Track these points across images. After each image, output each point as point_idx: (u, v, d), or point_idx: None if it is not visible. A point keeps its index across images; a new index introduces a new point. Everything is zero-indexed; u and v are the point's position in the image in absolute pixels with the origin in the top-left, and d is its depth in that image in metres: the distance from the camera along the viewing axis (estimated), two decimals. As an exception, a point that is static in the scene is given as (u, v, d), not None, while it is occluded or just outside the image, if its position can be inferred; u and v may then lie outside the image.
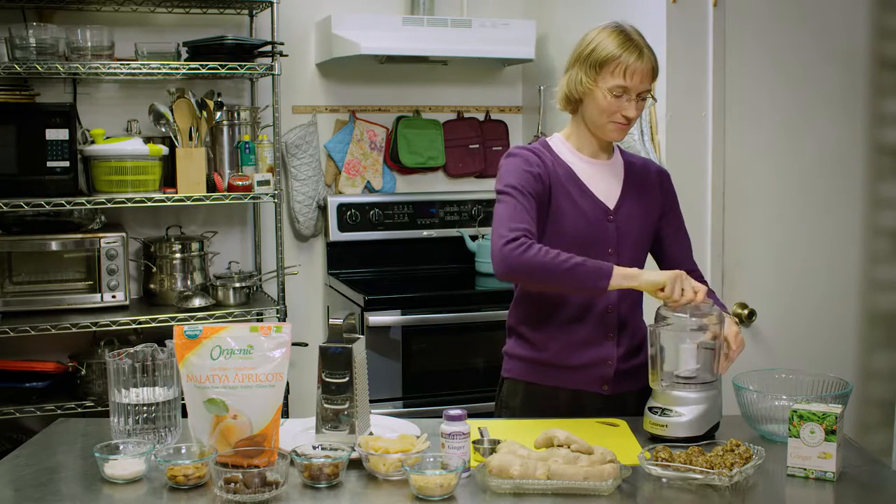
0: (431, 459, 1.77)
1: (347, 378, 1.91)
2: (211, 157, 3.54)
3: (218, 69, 3.35)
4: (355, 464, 1.85)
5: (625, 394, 2.26)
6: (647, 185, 2.32)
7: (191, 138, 3.37)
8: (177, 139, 3.36)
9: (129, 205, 3.27)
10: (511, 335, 2.35)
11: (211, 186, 3.45)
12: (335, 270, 3.86)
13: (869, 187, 3.15)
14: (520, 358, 2.32)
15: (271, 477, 1.72)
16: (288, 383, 2.61)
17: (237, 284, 3.52)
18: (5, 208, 3.10)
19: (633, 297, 2.28)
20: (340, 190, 3.93)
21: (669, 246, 2.35)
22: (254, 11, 3.67)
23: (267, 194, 3.46)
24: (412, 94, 4.02)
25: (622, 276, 2.04)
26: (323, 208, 3.85)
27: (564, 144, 2.29)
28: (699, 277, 2.34)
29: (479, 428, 2.01)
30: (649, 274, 2.06)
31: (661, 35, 2.97)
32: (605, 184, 2.26)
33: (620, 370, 2.25)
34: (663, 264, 2.36)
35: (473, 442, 1.89)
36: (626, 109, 2.16)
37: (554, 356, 2.25)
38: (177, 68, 3.36)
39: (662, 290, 2.02)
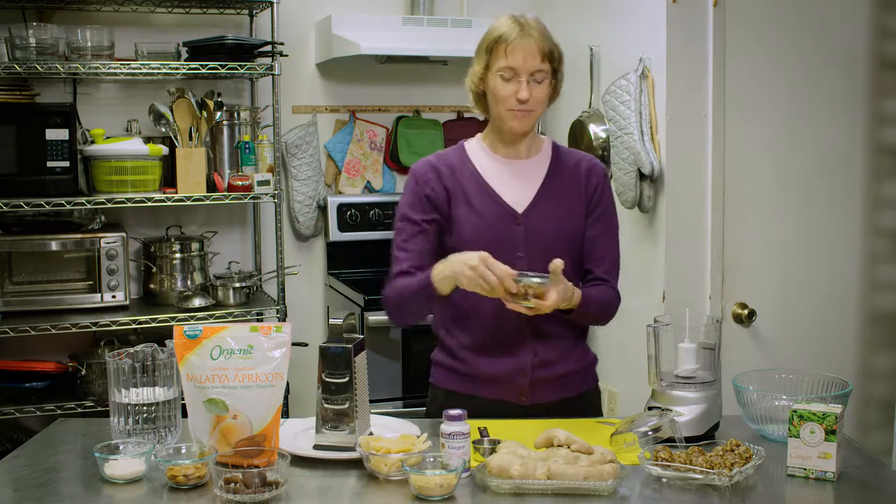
0: (431, 459, 1.77)
1: (347, 378, 1.91)
2: (211, 157, 3.54)
3: (218, 69, 3.35)
4: (355, 464, 1.85)
5: (547, 403, 2.19)
6: (573, 184, 2.22)
7: (191, 138, 3.37)
8: (177, 139, 3.36)
9: (129, 205, 3.27)
10: (439, 341, 2.31)
11: (211, 186, 3.45)
12: (335, 270, 3.86)
13: (869, 187, 3.15)
14: (440, 365, 2.29)
15: (271, 477, 1.72)
16: (288, 383, 2.60)
17: (237, 284, 3.52)
18: (5, 208, 3.10)
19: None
20: (340, 190, 3.93)
21: (587, 252, 2.23)
22: (254, 11, 3.67)
23: (267, 194, 3.46)
24: (412, 94, 4.02)
25: (439, 269, 2.06)
26: (323, 208, 3.85)
27: (480, 145, 2.25)
28: (611, 289, 2.23)
29: (479, 428, 2.01)
30: (455, 268, 2.02)
31: (661, 35, 2.97)
32: (518, 185, 2.19)
33: (537, 379, 2.17)
34: (581, 267, 2.26)
35: (473, 442, 1.89)
36: (518, 92, 2.10)
37: (468, 365, 2.21)
38: (177, 68, 3.36)
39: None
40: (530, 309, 2.00)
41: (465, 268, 1.98)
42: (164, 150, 3.39)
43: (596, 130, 3.30)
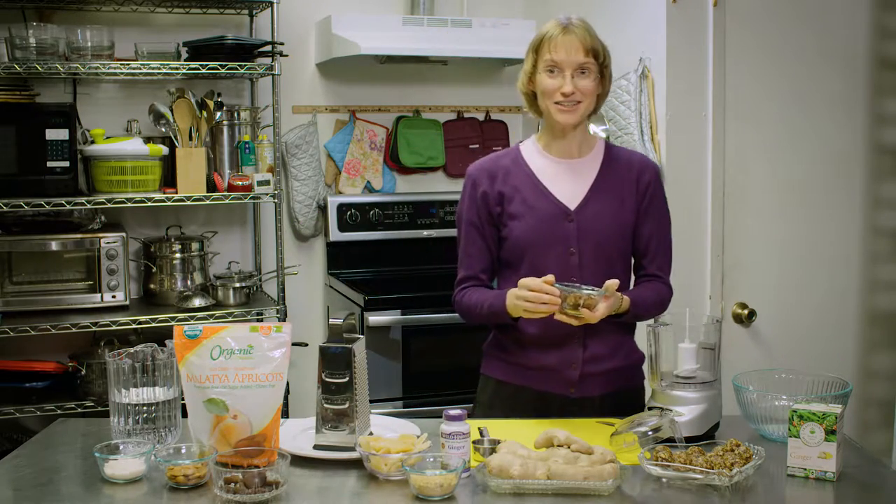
0: (431, 459, 1.77)
1: (347, 378, 1.91)
2: (211, 157, 3.53)
3: (218, 69, 3.35)
4: (355, 464, 1.85)
5: (594, 397, 2.24)
6: (625, 182, 2.28)
7: (191, 138, 3.37)
8: (177, 139, 3.36)
9: (129, 205, 3.27)
10: (491, 332, 2.38)
11: (211, 186, 3.45)
12: (335, 270, 3.86)
13: (869, 187, 3.15)
14: (492, 356, 2.35)
15: (271, 477, 1.72)
16: (288, 383, 2.61)
17: (237, 284, 3.52)
18: (5, 208, 3.10)
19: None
20: (340, 190, 3.93)
21: (641, 251, 2.30)
22: (254, 11, 3.67)
23: (267, 194, 3.46)
24: (412, 94, 4.02)
25: (510, 302, 2.15)
26: (323, 208, 3.85)
27: (535, 146, 2.32)
28: (664, 284, 2.30)
29: (479, 428, 2.01)
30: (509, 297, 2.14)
31: (661, 35, 2.97)
32: (570, 183, 2.25)
33: (587, 373, 2.23)
34: (634, 264, 2.34)
35: (473, 442, 1.89)
36: (562, 86, 2.17)
37: (520, 357, 2.27)
38: (177, 68, 3.36)
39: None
40: (578, 319, 2.05)
41: (519, 306, 2.09)
42: (164, 150, 3.39)
43: (596, 130, 3.30)
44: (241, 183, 3.43)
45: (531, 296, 2.04)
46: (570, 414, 2.21)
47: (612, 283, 2.06)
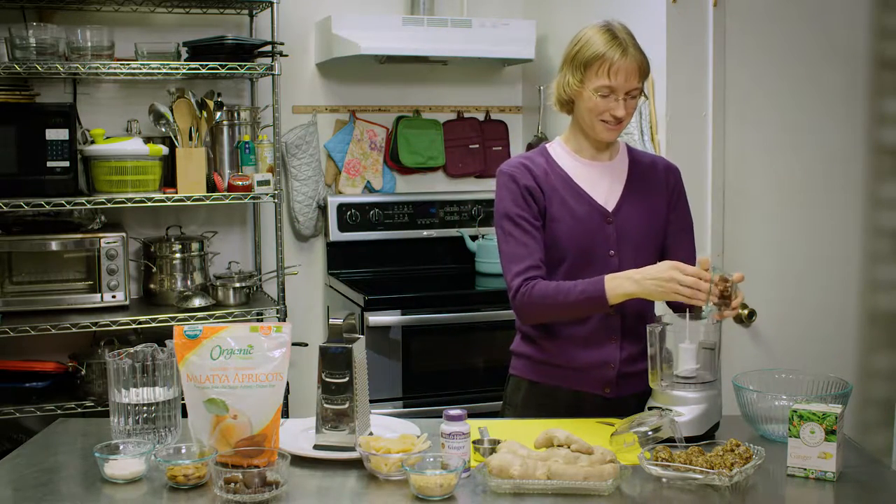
0: (431, 459, 1.77)
1: (347, 378, 1.91)
2: (211, 157, 3.54)
3: (218, 69, 3.35)
4: (355, 464, 1.85)
5: (627, 396, 2.24)
6: (653, 183, 2.29)
7: (191, 138, 3.37)
8: (177, 139, 3.36)
9: (129, 205, 3.27)
10: (518, 333, 2.36)
11: (211, 186, 3.45)
12: (335, 270, 3.86)
13: (869, 187, 3.15)
14: (524, 356, 2.33)
15: (271, 477, 1.72)
16: (288, 383, 2.61)
17: (237, 284, 3.52)
18: (5, 208, 3.10)
19: (639, 300, 2.26)
20: (340, 190, 3.93)
21: (669, 246, 2.31)
22: (254, 11, 3.67)
23: (267, 194, 3.46)
24: (412, 94, 4.03)
25: (616, 284, 2.06)
26: (323, 208, 3.85)
27: (563, 148, 2.29)
28: None
29: (479, 428, 2.01)
30: (643, 284, 2.03)
31: (661, 35, 2.97)
32: (605, 186, 2.25)
33: (623, 373, 2.23)
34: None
35: (473, 442, 1.89)
36: (614, 109, 2.15)
37: (555, 356, 2.25)
38: (177, 68, 3.36)
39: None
40: (724, 313, 2.03)
41: (669, 289, 1.99)
42: (164, 150, 3.39)
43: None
44: (241, 183, 3.43)
45: (691, 281, 1.97)
46: (604, 413, 2.20)
47: (706, 259, 2.03)
